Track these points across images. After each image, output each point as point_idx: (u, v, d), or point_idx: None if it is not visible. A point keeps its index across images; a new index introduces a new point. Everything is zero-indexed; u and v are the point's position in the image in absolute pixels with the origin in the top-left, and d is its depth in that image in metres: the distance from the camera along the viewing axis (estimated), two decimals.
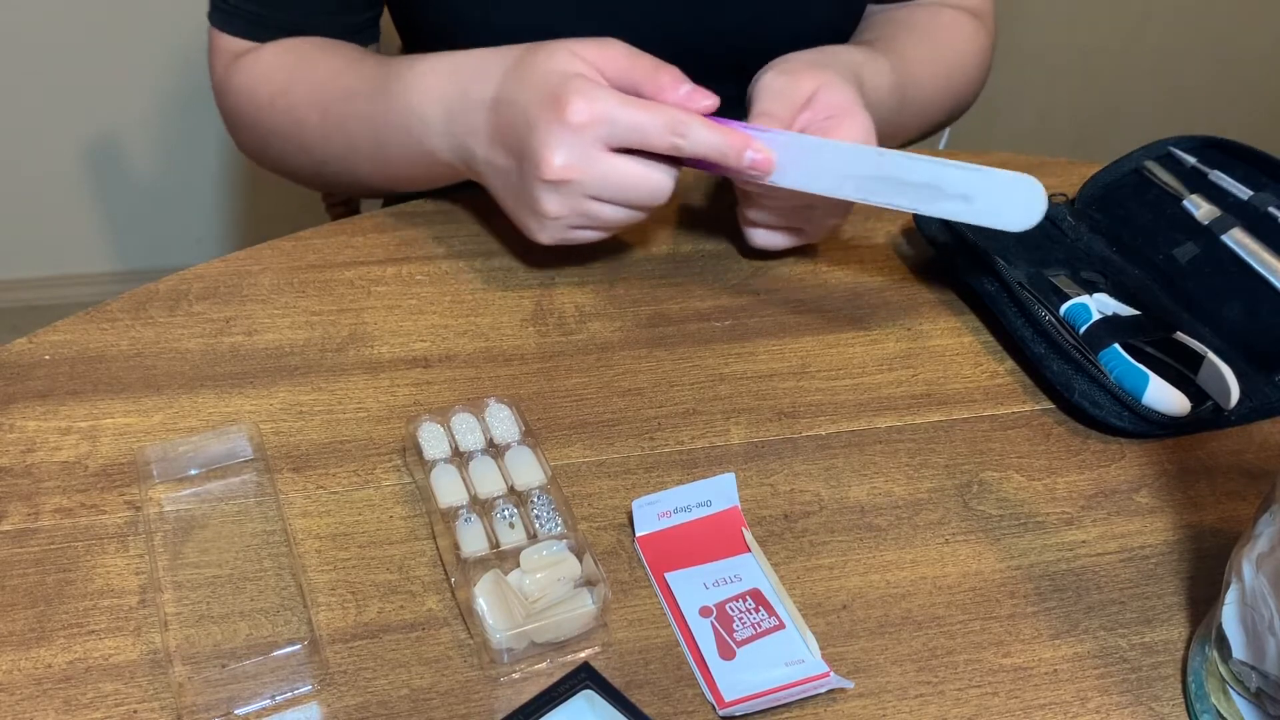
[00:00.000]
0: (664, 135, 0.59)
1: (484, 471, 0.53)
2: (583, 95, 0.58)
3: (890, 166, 0.60)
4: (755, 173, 0.61)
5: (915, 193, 0.60)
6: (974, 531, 0.54)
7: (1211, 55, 2.09)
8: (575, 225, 0.62)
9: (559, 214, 0.61)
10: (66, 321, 0.63)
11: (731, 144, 0.60)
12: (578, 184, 0.60)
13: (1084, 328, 0.63)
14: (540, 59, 0.60)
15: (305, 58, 0.74)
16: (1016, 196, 0.58)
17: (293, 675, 0.45)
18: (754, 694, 0.46)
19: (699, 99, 0.60)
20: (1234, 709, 0.45)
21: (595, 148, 0.59)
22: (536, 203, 0.61)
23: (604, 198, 0.61)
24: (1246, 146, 0.73)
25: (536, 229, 0.63)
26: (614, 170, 0.59)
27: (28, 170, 1.79)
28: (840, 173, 0.60)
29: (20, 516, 0.52)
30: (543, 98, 0.59)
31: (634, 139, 0.59)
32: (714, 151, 0.60)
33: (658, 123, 0.58)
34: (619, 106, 0.58)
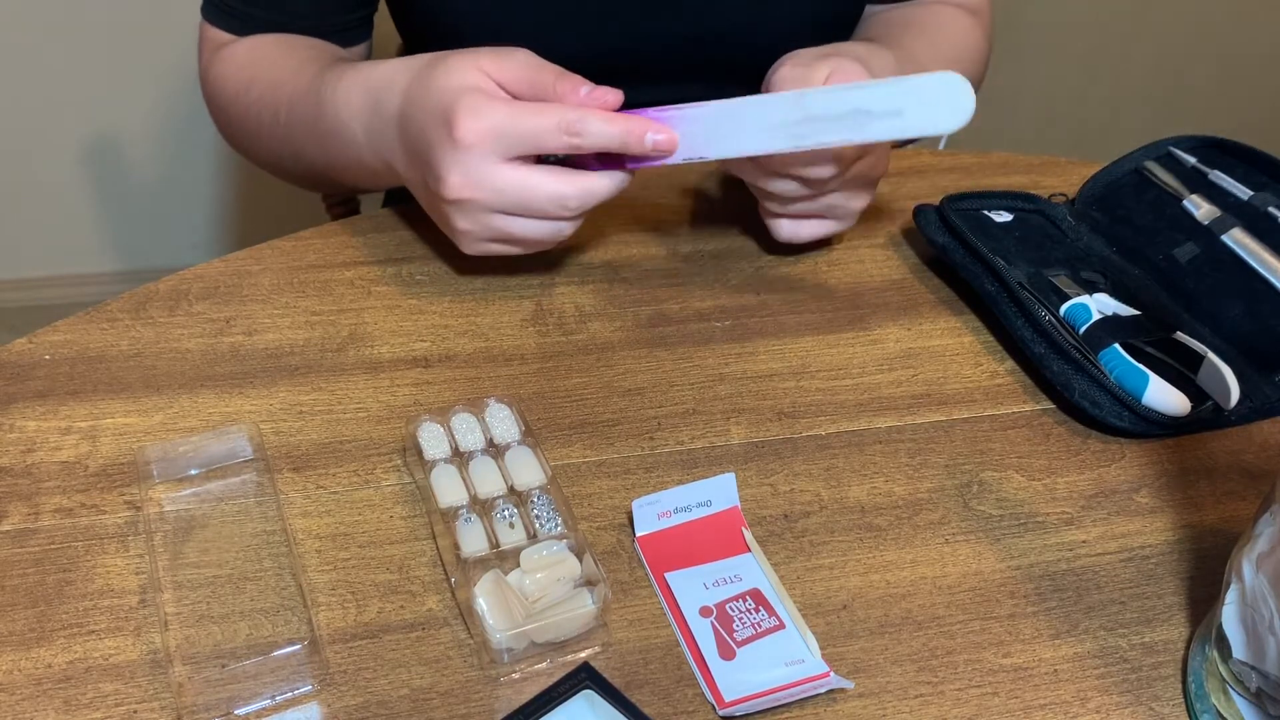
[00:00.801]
0: (557, 136, 0.58)
1: (484, 471, 0.53)
2: (471, 112, 0.57)
3: (814, 105, 0.58)
4: (660, 153, 0.60)
5: (846, 123, 0.58)
6: (974, 531, 0.54)
7: (1211, 55, 2.09)
8: (489, 239, 0.62)
9: (468, 229, 0.62)
10: (66, 321, 0.63)
11: (630, 130, 0.58)
12: (476, 202, 0.59)
13: (1084, 328, 0.63)
14: (438, 73, 0.59)
15: (266, 56, 0.75)
16: (943, 96, 0.57)
17: (293, 675, 0.45)
18: (754, 694, 0.46)
19: (602, 96, 0.59)
20: (1234, 709, 0.45)
21: (489, 163, 0.58)
22: (446, 219, 0.62)
23: (508, 211, 0.60)
24: (1246, 146, 0.73)
25: (458, 241, 0.64)
26: (510, 184, 0.59)
27: (28, 170, 1.79)
28: (766, 127, 0.59)
29: (20, 516, 0.52)
30: (436, 117, 0.59)
31: (529, 145, 0.58)
32: (613, 141, 0.58)
33: (548, 124, 0.57)
34: (508, 117, 0.57)
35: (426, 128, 0.59)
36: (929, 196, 0.74)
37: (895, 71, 0.72)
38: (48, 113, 1.74)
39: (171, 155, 1.83)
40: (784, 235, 0.68)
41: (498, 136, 0.58)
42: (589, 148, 0.59)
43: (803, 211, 0.67)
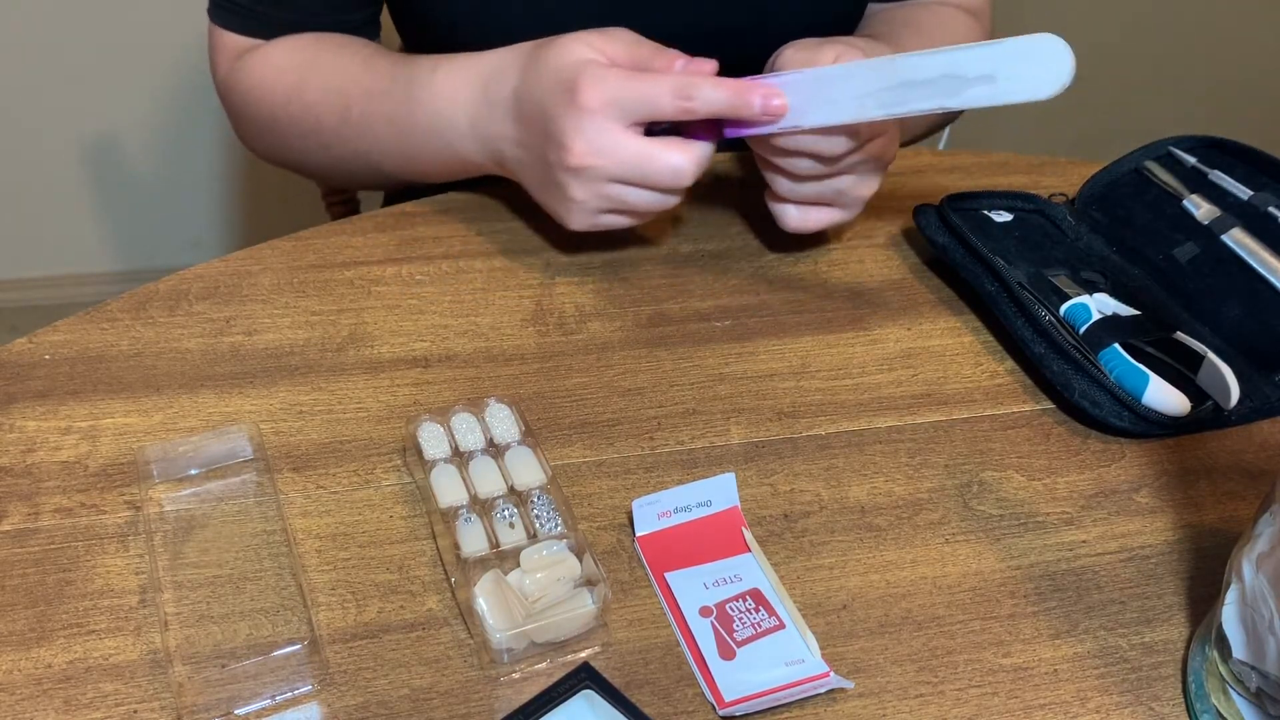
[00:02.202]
0: (672, 100, 0.59)
1: (484, 471, 0.53)
2: (593, 79, 0.59)
3: (906, 70, 0.58)
4: (770, 116, 0.61)
5: (937, 89, 0.58)
6: (974, 531, 0.54)
7: (1211, 55, 2.09)
8: (603, 209, 0.64)
9: (585, 199, 0.63)
10: (66, 321, 0.63)
11: (740, 93, 0.60)
12: (600, 168, 0.61)
13: (1084, 328, 0.63)
14: (552, 52, 0.62)
15: (318, 56, 0.74)
16: (1040, 58, 0.55)
17: (293, 675, 0.45)
18: (754, 694, 0.46)
19: (698, 66, 0.61)
20: (1234, 709, 0.45)
21: (612, 130, 0.60)
22: (563, 190, 0.63)
23: (627, 180, 0.62)
24: (1246, 146, 0.73)
25: (566, 216, 0.65)
26: (631, 151, 0.60)
27: (28, 170, 1.79)
28: (858, 94, 0.59)
29: (20, 516, 0.52)
30: (558, 87, 0.61)
31: (645, 111, 0.60)
32: (724, 104, 0.60)
33: (663, 89, 0.59)
34: (625, 83, 0.59)
35: (547, 100, 0.61)
36: (929, 196, 0.74)
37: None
38: (48, 113, 1.74)
39: (171, 155, 1.83)
40: (791, 224, 0.68)
41: (618, 102, 0.59)
42: (701, 112, 0.60)
43: (812, 197, 0.67)
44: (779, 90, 0.60)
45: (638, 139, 0.61)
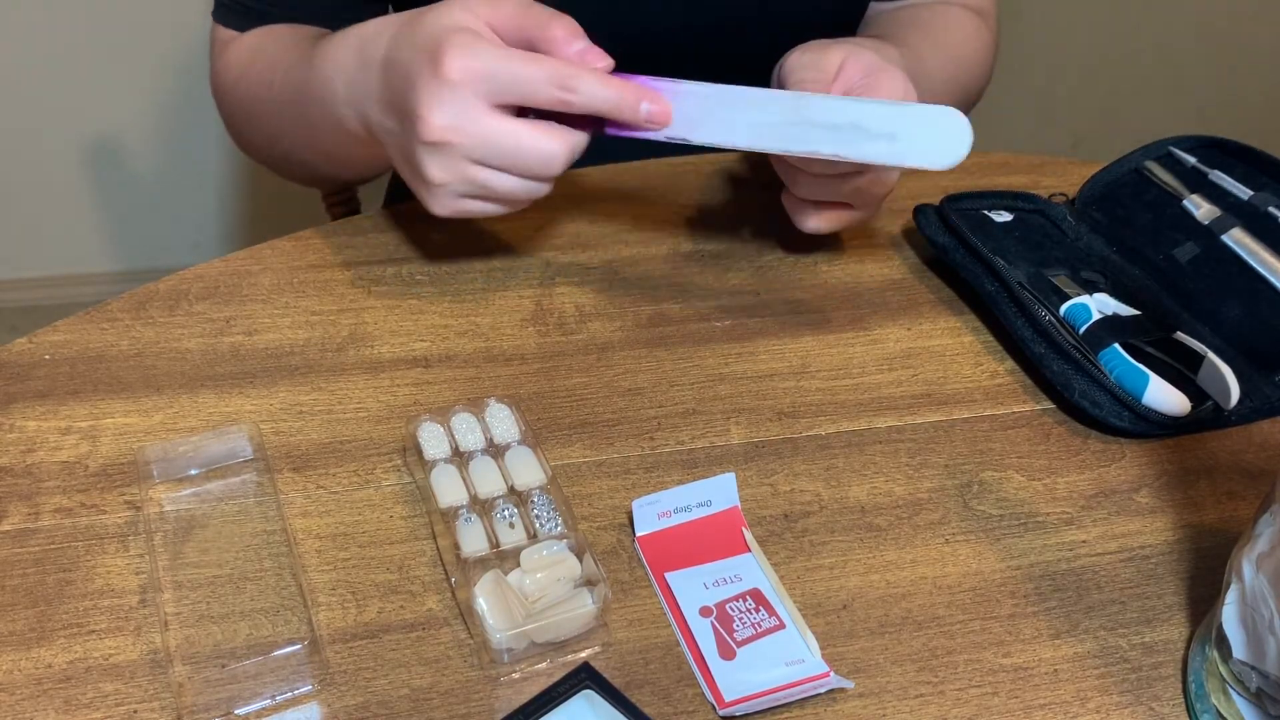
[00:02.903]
0: (549, 89, 0.54)
1: (484, 471, 0.53)
2: (461, 49, 0.54)
3: (814, 110, 0.57)
4: (655, 125, 0.57)
5: (839, 136, 0.57)
6: (974, 531, 0.54)
7: (1211, 55, 2.09)
8: (465, 194, 0.58)
9: (444, 180, 0.57)
10: (66, 321, 0.63)
11: (625, 97, 0.56)
12: (459, 146, 0.56)
13: (1084, 328, 0.63)
14: (429, 15, 0.56)
15: (267, 40, 0.74)
16: (942, 130, 0.56)
17: (293, 675, 0.45)
18: (754, 694, 0.46)
19: (593, 59, 0.56)
20: (1234, 709, 0.45)
21: (477, 107, 0.55)
22: (421, 168, 0.57)
23: (490, 163, 0.56)
24: (1246, 146, 0.73)
25: (427, 197, 0.60)
26: (496, 131, 0.55)
27: (28, 170, 1.79)
28: (757, 122, 0.58)
29: (20, 516, 0.52)
30: (422, 53, 0.55)
31: (516, 94, 0.55)
32: (607, 105, 0.55)
33: (542, 75, 0.54)
34: (500, 60, 0.54)
35: (411, 65, 0.56)
36: (929, 196, 0.74)
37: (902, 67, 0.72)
38: (48, 113, 1.74)
39: (171, 155, 1.83)
40: (809, 225, 0.66)
41: (487, 79, 0.54)
42: (579, 107, 0.55)
43: (829, 196, 0.65)
44: (666, 100, 0.57)
45: (504, 118, 0.55)
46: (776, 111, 0.58)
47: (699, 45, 0.84)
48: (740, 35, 0.84)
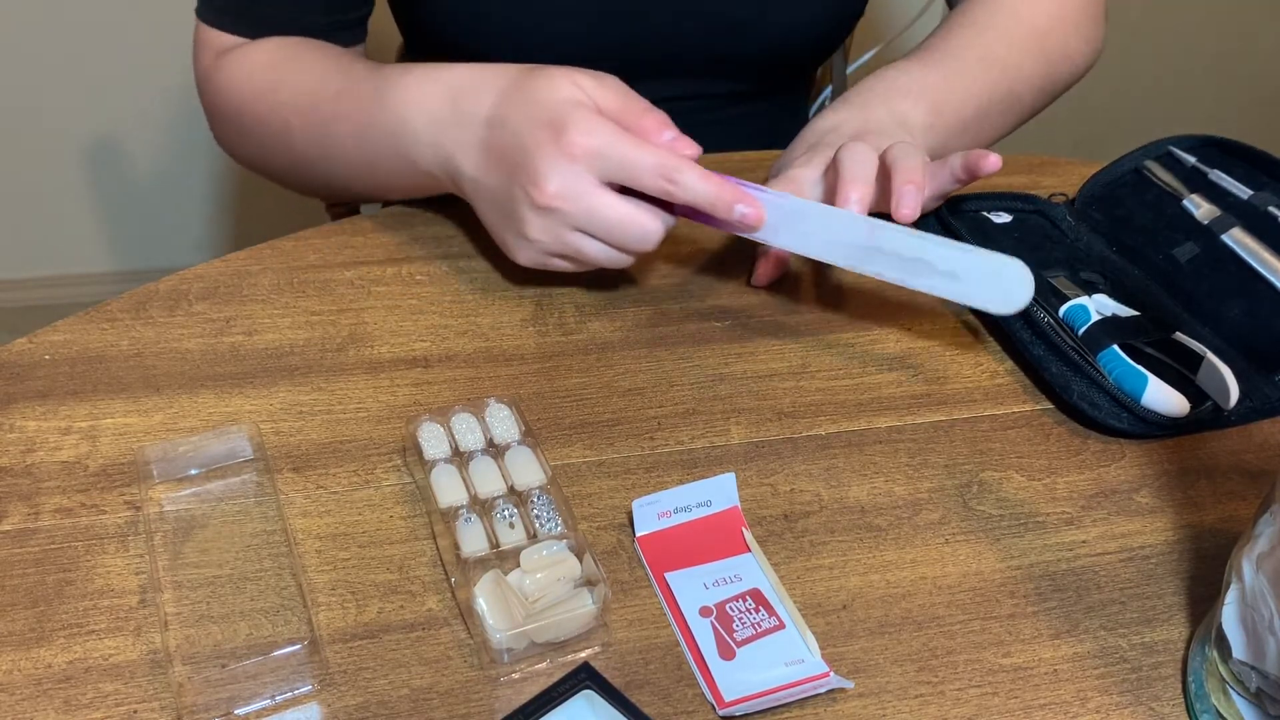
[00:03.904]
0: (655, 177, 0.58)
1: (484, 471, 0.53)
2: (581, 126, 0.58)
3: (880, 239, 0.60)
4: (744, 227, 0.61)
5: (903, 265, 0.60)
6: (974, 531, 0.54)
7: (1211, 55, 2.09)
8: (555, 253, 0.62)
9: (541, 239, 0.61)
10: (66, 321, 0.63)
11: (723, 195, 0.59)
12: (567, 214, 0.60)
13: (1083, 329, 0.63)
14: (541, 83, 0.60)
15: (296, 57, 0.73)
16: (1003, 279, 0.59)
17: (293, 675, 0.45)
18: (754, 694, 0.46)
19: (683, 146, 0.60)
20: (1234, 709, 0.45)
21: (588, 181, 0.59)
22: (523, 224, 0.61)
23: (590, 232, 0.60)
24: (1246, 146, 0.73)
25: (517, 249, 0.63)
26: (603, 206, 0.59)
27: (28, 170, 1.79)
28: (831, 239, 0.61)
29: (20, 516, 0.52)
30: (542, 122, 0.59)
31: (625, 176, 0.59)
32: (704, 200, 0.59)
33: (650, 163, 0.58)
34: (614, 142, 0.58)
35: (526, 131, 0.59)
36: None
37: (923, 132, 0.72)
38: (47, 113, 1.74)
39: (171, 155, 1.83)
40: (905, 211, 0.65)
41: (601, 157, 0.58)
42: (680, 198, 0.59)
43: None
44: (761, 205, 0.60)
45: (614, 196, 0.59)
46: (851, 233, 0.60)
47: (697, 49, 0.84)
48: (741, 39, 0.84)
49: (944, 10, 0.91)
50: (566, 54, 0.82)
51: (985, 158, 0.62)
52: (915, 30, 1.19)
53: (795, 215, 0.61)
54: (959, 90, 0.75)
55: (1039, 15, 0.80)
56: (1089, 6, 0.83)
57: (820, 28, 0.87)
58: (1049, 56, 0.80)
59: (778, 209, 0.61)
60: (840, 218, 0.61)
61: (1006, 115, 0.79)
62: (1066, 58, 0.82)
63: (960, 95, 0.75)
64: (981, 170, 0.63)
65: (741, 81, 0.90)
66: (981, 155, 0.63)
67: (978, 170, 0.63)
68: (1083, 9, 0.83)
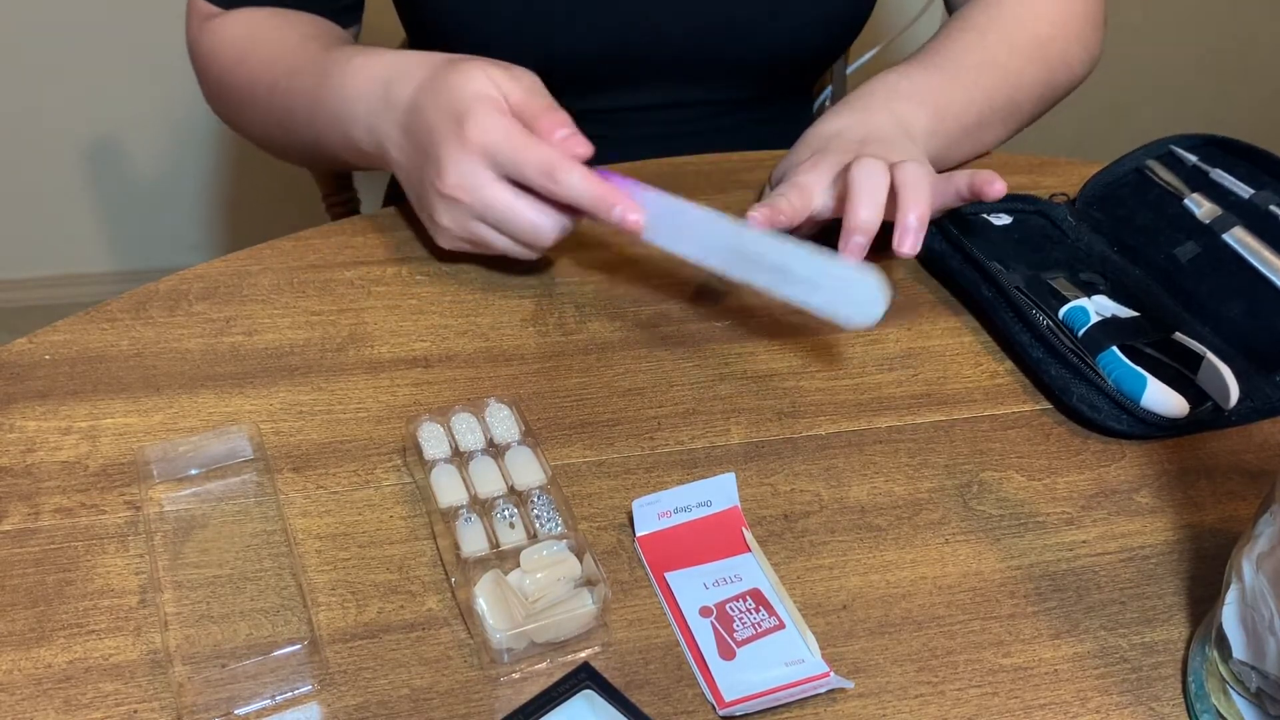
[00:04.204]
0: (538, 174, 0.60)
1: (484, 471, 0.53)
2: (479, 120, 0.60)
3: (748, 244, 0.61)
4: (623, 229, 0.62)
5: (769, 273, 0.61)
6: (974, 531, 0.54)
7: (1212, 55, 2.09)
8: (464, 239, 0.65)
9: (450, 226, 0.64)
10: (66, 321, 0.63)
11: (603, 196, 0.60)
12: (466, 205, 0.62)
13: (1082, 330, 0.63)
14: (455, 75, 0.62)
15: (263, 27, 0.76)
16: (856, 294, 0.59)
17: (293, 675, 0.45)
18: (754, 694, 0.46)
19: (574, 145, 0.61)
20: (1234, 709, 0.45)
21: (485, 174, 0.61)
22: (433, 210, 0.64)
23: (489, 222, 0.63)
24: (1248, 145, 0.73)
25: (434, 233, 0.66)
26: (498, 200, 0.61)
27: (28, 170, 1.79)
28: (705, 242, 0.62)
29: (20, 516, 0.52)
30: (448, 114, 0.61)
31: (513, 172, 0.61)
32: (585, 200, 0.60)
33: (534, 161, 0.60)
34: (505, 138, 0.60)
35: (437, 122, 0.61)
36: None
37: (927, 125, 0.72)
38: (48, 113, 1.74)
39: (171, 155, 1.83)
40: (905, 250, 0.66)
41: (493, 153, 0.60)
42: (562, 197, 0.60)
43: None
44: (640, 208, 0.61)
45: (505, 191, 0.61)
46: (720, 237, 0.62)
47: (696, 52, 0.84)
48: (740, 41, 0.84)
49: (944, 12, 0.91)
50: (570, 56, 0.82)
51: (991, 184, 0.63)
52: (915, 31, 1.19)
53: (671, 214, 0.62)
54: (961, 96, 0.75)
55: (1040, 22, 0.80)
56: (1089, 14, 0.83)
57: (826, 33, 0.87)
58: (1049, 63, 0.80)
59: (659, 209, 0.62)
60: (711, 221, 0.61)
61: (1007, 121, 0.79)
62: (1066, 64, 0.82)
63: (962, 101, 0.75)
64: (987, 196, 0.63)
65: (746, 87, 0.90)
66: (988, 181, 0.63)
67: (983, 195, 0.63)
68: (1083, 16, 0.83)
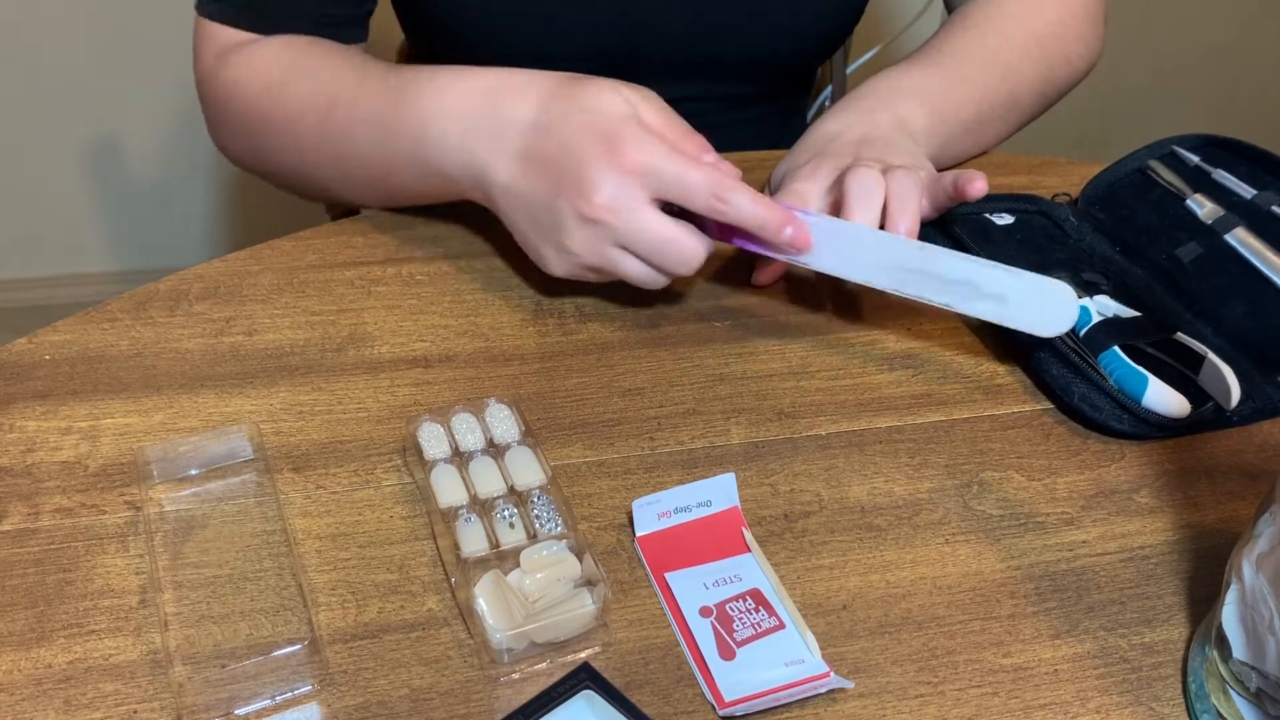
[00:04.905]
0: (707, 196, 0.58)
1: (484, 471, 0.53)
2: (635, 140, 0.58)
3: (928, 262, 0.59)
4: (792, 250, 0.61)
5: (950, 289, 0.59)
6: (974, 531, 0.54)
7: (1213, 54, 2.09)
8: (592, 266, 0.61)
9: (581, 252, 0.60)
10: (66, 321, 0.63)
11: (772, 217, 0.59)
12: (613, 228, 0.59)
13: (1084, 330, 0.63)
14: (590, 92, 0.60)
15: (308, 54, 0.72)
16: (1048, 302, 0.58)
17: (293, 675, 0.45)
18: (754, 694, 0.46)
19: (726, 169, 0.60)
20: (1234, 709, 0.44)
21: (639, 197, 0.58)
22: (564, 234, 0.60)
23: (633, 248, 0.60)
24: (1250, 145, 0.73)
25: (553, 260, 0.62)
26: (651, 223, 0.59)
27: (28, 170, 1.79)
28: (877, 262, 0.60)
29: (20, 516, 0.52)
30: (594, 133, 0.58)
31: (677, 194, 0.58)
32: (754, 221, 0.59)
33: (702, 181, 0.58)
34: (667, 158, 0.58)
35: (576, 142, 0.59)
36: None
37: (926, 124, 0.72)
38: (48, 113, 1.74)
39: (171, 155, 1.83)
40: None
41: (654, 174, 0.58)
42: (730, 218, 0.59)
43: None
44: (808, 228, 0.60)
45: (661, 216, 0.59)
46: (900, 255, 0.60)
47: (698, 50, 0.84)
48: (740, 41, 0.84)
49: (943, 11, 0.91)
50: (569, 54, 0.82)
51: (971, 183, 0.63)
52: (915, 30, 1.19)
53: (841, 236, 0.61)
54: (960, 94, 0.75)
55: (1039, 20, 0.80)
56: (1089, 12, 0.83)
57: (821, 30, 0.87)
58: (1049, 61, 0.80)
59: (824, 231, 0.61)
60: (888, 241, 0.60)
61: (1006, 119, 0.79)
62: (1067, 62, 0.82)
63: (961, 99, 0.75)
64: (967, 195, 0.63)
65: (744, 84, 0.90)
66: (968, 180, 0.63)
67: (963, 195, 0.63)
68: (1083, 14, 0.83)
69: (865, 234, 0.61)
